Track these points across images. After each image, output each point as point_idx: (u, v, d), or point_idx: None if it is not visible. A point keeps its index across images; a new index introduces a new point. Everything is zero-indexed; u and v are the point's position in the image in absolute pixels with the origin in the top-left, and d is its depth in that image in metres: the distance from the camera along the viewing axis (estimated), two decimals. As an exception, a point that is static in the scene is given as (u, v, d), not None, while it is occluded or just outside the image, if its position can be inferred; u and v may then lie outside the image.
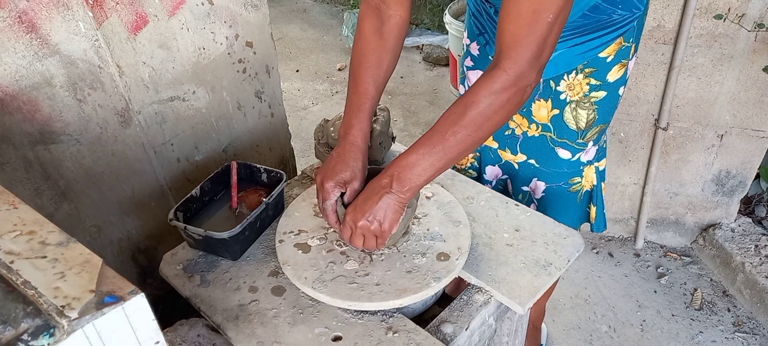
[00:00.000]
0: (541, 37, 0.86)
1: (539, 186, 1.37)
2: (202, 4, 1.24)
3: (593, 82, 1.18)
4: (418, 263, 1.05)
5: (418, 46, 3.89)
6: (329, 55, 3.98)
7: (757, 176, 2.11)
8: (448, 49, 3.24)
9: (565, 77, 1.19)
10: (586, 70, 1.17)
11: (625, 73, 1.19)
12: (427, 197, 1.20)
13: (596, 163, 1.34)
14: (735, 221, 2.15)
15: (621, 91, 1.22)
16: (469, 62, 1.37)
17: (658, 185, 2.13)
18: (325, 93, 3.53)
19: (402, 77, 3.63)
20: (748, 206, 2.23)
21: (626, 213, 2.25)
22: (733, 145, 1.96)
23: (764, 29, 1.67)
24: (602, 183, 1.37)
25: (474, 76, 1.36)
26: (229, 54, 1.35)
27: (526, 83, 0.90)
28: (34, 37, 0.99)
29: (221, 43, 1.32)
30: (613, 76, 1.18)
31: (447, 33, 3.39)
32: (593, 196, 1.37)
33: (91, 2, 1.04)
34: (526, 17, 0.85)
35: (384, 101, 3.39)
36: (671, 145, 2.02)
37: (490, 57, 1.29)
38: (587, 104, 1.21)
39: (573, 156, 1.30)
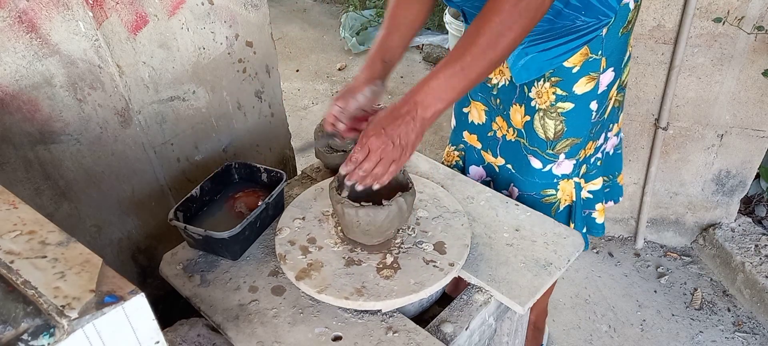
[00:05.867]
0: None
1: (514, 192, 1.36)
2: (202, 4, 1.24)
3: (559, 92, 1.17)
4: (417, 263, 1.05)
5: (418, 46, 3.89)
6: (329, 55, 3.98)
7: (757, 176, 2.11)
8: (448, 48, 3.24)
9: (536, 84, 1.19)
10: (553, 79, 1.16)
11: (596, 87, 1.16)
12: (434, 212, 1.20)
13: (576, 179, 1.30)
14: (735, 220, 2.15)
15: (593, 106, 1.18)
16: None
17: (658, 184, 2.13)
18: (325, 93, 3.53)
19: (402, 77, 3.63)
20: (748, 206, 2.23)
21: (626, 213, 2.25)
22: (733, 144, 1.96)
23: (764, 32, 1.67)
24: (580, 197, 1.33)
25: None
26: (229, 54, 1.35)
27: None
28: (34, 37, 0.99)
29: (221, 43, 1.32)
30: (580, 88, 1.15)
31: (447, 33, 3.39)
32: (572, 212, 1.33)
33: (91, 2, 1.04)
34: None
35: (384, 101, 3.38)
36: (671, 145, 2.02)
37: None
38: (554, 114, 1.19)
39: (544, 167, 1.27)
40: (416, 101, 0.94)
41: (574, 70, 1.14)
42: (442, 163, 1.54)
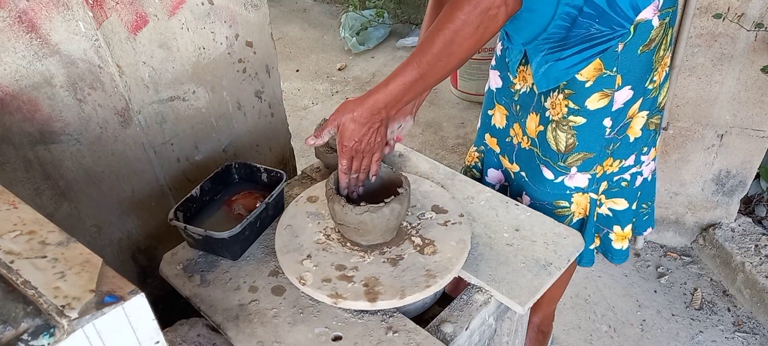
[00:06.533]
0: None
1: (525, 201, 1.35)
2: (202, 4, 1.24)
3: (571, 105, 1.16)
4: (440, 229, 1.07)
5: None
6: (329, 55, 3.98)
7: (757, 176, 2.11)
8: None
9: (551, 94, 1.19)
10: (566, 91, 1.15)
11: (610, 104, 1.14)
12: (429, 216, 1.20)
13: (593, 195, 1.28)
14: (735, 220, 2.15)
15: (606, 122, 1.16)
16: (492, 61, 1.38)
17: (658, 184, 2.13)
18: (325, 93, 3.53)
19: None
20: (748, 206, 2.23)
21: (626, 213, 2.25)
22: (733, 144, 1.96)
23: (763, 29, 1.67)
24: (594, 212, 1.30)
25: (493, 74, 1.38)
26: (229, 54, 1.35)
27: (489, 6, 0.92)
28: (34, 36, 0.99)
29: (221, 43, 1.32)
30: (592, 103, 1.14)
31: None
32: (585, 226, 1.32)
33: (91, 2, 1.04)
34: None
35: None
36: (671, 145, 2.02)
37: (506, 60, 1.29)
38: (566, 127, 1.18)
39: (556, 178, 1.26)
40: (381, 107, 1.01)
41: (587, 85, 1.13)
42: (465, 163, 1.55)
